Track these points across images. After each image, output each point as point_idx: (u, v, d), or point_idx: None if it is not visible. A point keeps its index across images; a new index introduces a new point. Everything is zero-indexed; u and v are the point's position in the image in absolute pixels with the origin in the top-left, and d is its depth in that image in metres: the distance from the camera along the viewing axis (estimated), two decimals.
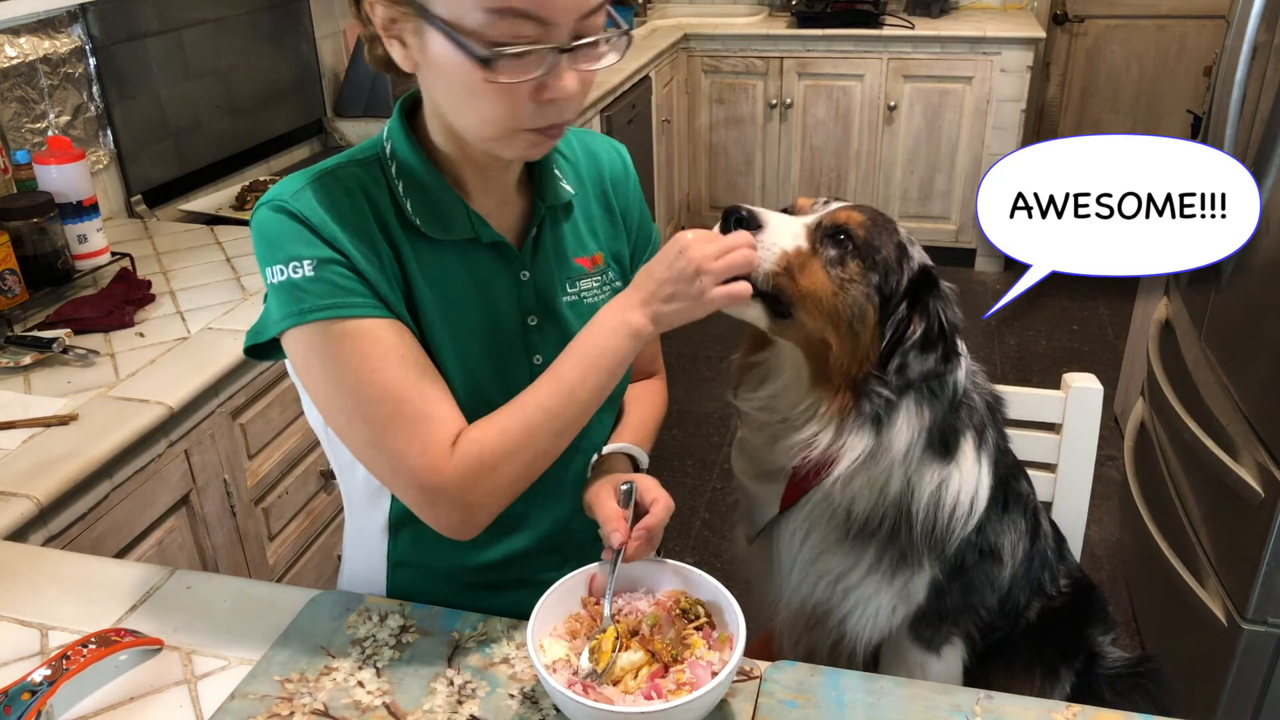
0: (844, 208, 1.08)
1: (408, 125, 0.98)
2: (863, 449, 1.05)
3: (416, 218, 0.96)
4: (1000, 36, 3.77)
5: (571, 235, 1.07)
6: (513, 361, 1.02)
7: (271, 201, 0.92)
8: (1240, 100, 1.78)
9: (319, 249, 0.90)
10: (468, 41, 0.83)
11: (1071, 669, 1.27)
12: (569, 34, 0.85)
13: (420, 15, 0.85)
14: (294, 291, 0.90)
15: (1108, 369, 3.31)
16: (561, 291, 1.05)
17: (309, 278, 0.89)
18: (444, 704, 0.91)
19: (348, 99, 2.88)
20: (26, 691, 0.86)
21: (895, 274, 1.05)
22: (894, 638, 1.20)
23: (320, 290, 0.89)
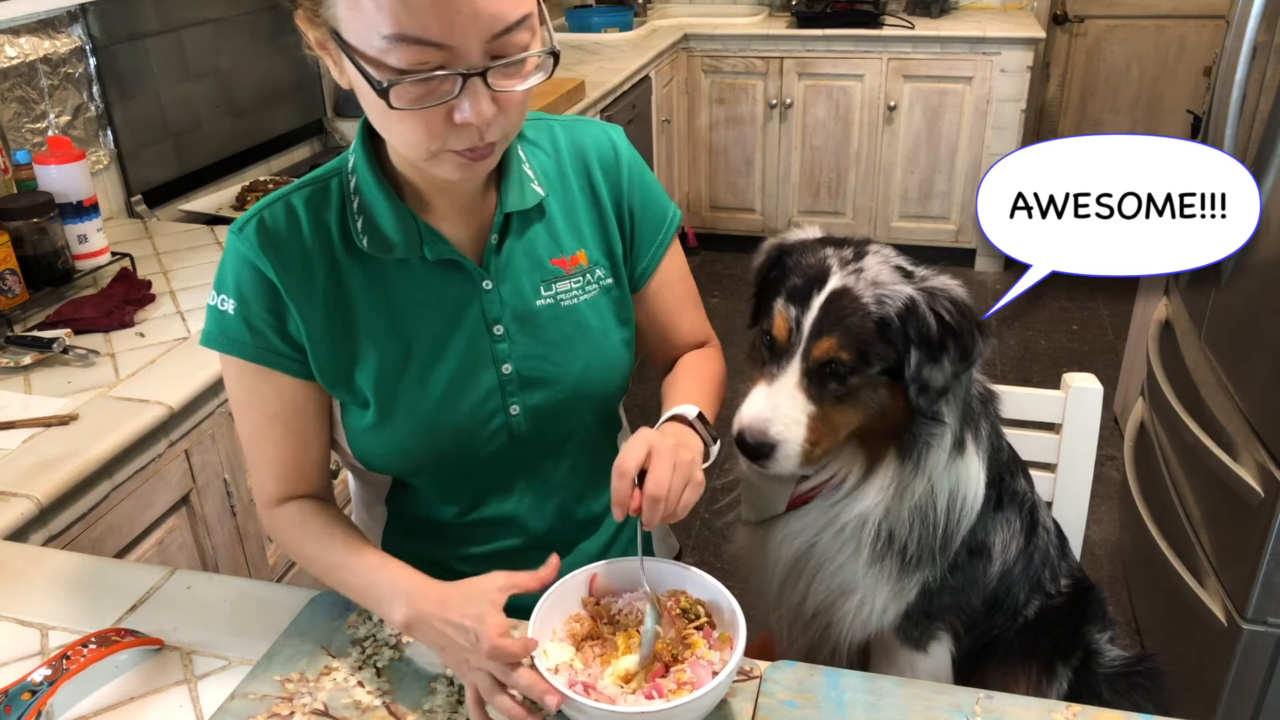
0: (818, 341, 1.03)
1: (369, 141, 0.98)
2: (896, 478, 1.08)
3: (363, 237, 0.97)
4: (1000, 36, 3.77)
5: (546, 237, 1.05)
6: (478, 372, 1.01)
7: (235, 225, 0.99)
8: (1240, 100, 1.78)
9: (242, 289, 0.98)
10: (367, 69, 0.82)
11: (1068, 666, 1.27)
12: (481, 55, 0.82)
13: (334, 39, 0.84)
14: (218, 319, 0.99)
15: (1108, 369, 3.31)
16: (535, 296, 1.03)
17: (228, 314, 0.98)
18: (444, 704, 0.91)
19: (348, 99, 2.88)
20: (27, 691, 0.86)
21: (892, 344, 1.03)
22: (882, 638, 1.21)
23: (231, 327, 0.98)
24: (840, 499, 1.10)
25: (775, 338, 1.06)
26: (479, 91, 0.83)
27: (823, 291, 1.04)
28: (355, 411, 1.01)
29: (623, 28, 4.04)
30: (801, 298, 1.04)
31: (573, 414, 1.07)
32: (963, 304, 1.04)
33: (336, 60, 0.88)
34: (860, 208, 4.19)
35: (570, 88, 2.97)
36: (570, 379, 1.05)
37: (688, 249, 4.44)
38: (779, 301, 1.06)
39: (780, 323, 1.05)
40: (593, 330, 1.06)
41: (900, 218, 4.16)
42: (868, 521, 1.10)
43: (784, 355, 1.05)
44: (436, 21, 0.79)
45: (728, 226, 4.39)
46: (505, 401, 1.03)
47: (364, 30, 0.80)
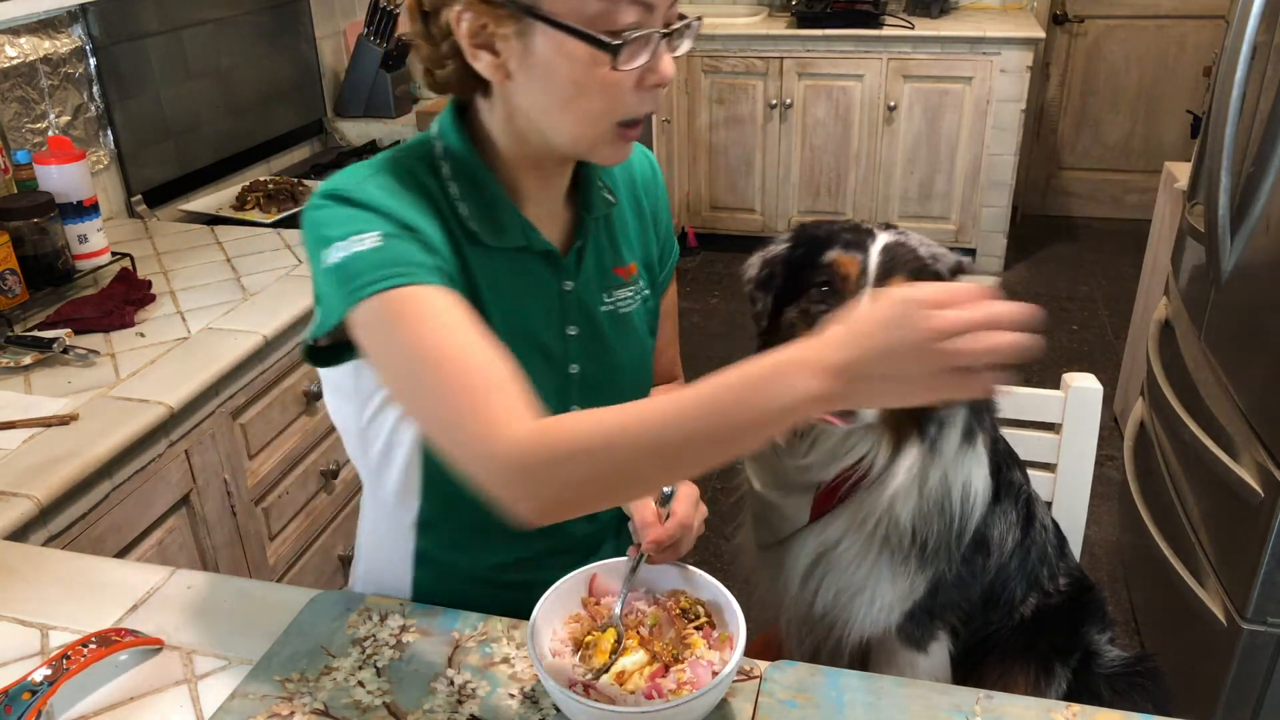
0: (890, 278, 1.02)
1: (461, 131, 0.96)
2: (917, 463, 1.06)
3: (472, 221, 0.95)
4: (1000, 36, 3.77)
5: (610, 245, 1.07)
6: (551, 370, 1.02)
7: (333, 192, 0.88)
8: (1240, 100, 1.78)
9: (386, 225, 0.85)
10: (592, 32, 0.83)
11: (1067, 666, 1.27)
12: (664, 19, 0.86)
13: (526, 15, 0.84)
14: (357, 265, 0.82)
15: (1108, 369, 3.31)
16: (600, 302, 1.05)
17: (375, 248, 0.83)
18: (444, 704, 0.91)
19: (348, 99, 2.88)
20: (27, 691, 0.86)
21: None
22: (883, 640, 1.20)
23: (384, 260, 0.82)
24: (870, 488, 1.09)
25: (843, 278, 1.02)
26: (665, 51, 0.87)
27: (877, 242, 1.03)
28: None
29: None
30: (858, 246, 1.03)
31: None
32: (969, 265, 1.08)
33: (502, 46, 0.87)
34: (860, 208, 4.19)
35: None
36: (625, 385, 1.07)
37: (688, 249, 4.44)
38: (834, 251, 1.03)
39: (847, 262, 1.02)
40: (640, 340, 1.10)
41: (900, 218, 4.15)
42: (891, 516, 1.09)
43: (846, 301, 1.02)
44: None
45: (728, 226, 4.39)
46: (568, 404, 1.04)
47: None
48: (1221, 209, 1.81)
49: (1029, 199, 4.77)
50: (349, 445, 1.10)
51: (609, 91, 0.86)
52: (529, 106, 0.91)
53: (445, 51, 0.91)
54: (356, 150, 2.76)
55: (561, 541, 1.09)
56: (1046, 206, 4.80)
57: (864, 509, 1.10)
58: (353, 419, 1.04)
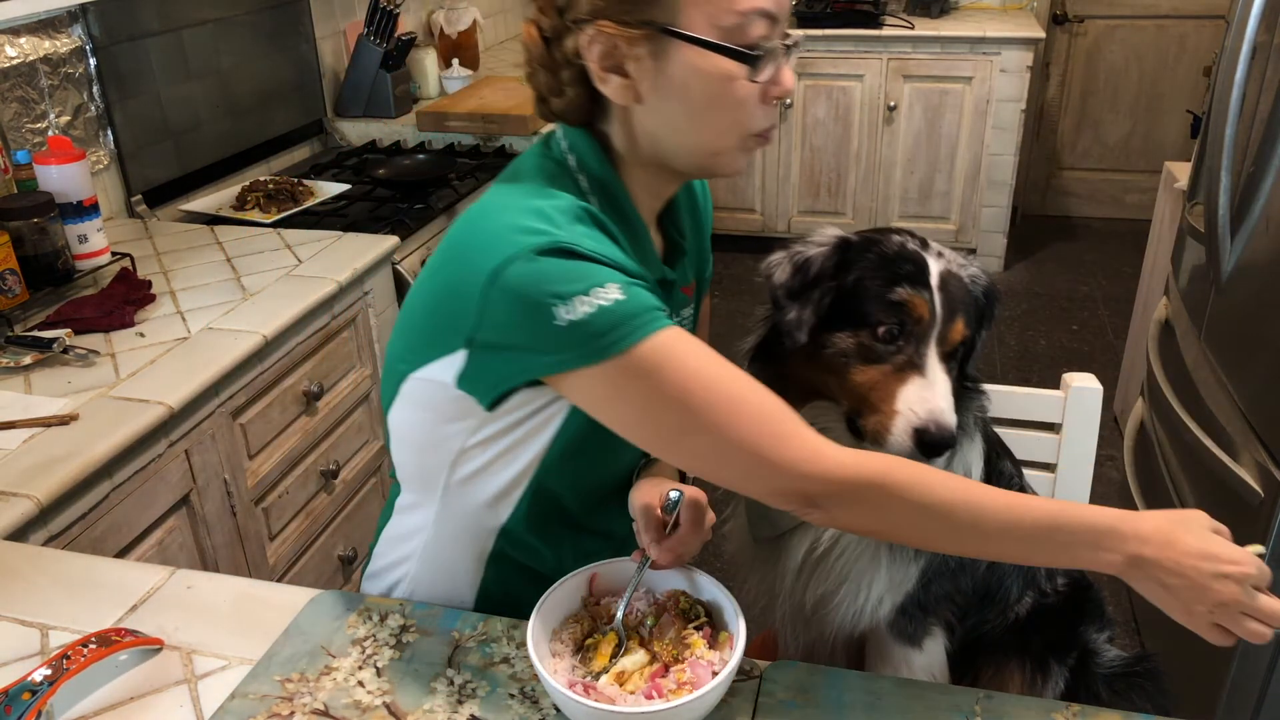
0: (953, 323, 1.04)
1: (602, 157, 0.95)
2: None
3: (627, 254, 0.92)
4: (1000, 37, 3.77)
5: (681, 264, 1.08)
6: None
7: (535, 247, 0.82)
8: (1240, 100, 1.78)
9: (617, 275, 0.84)
10: (733, 45, 0.86)
11: (1064, 665, 1.27)
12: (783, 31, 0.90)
13: (663, 33, 0.86)
14: (607, 318, 0.81)
15: (1108, 369, 3.31)
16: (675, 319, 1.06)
17: (620, 300, 0.82)
18: (444, 704, 0.91)
19: (348, 99, 2.88)
20: (27, 691, 0.86)
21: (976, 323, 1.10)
22: (876, 635, 1.20)
23: (634, 309, 0.82)
24: None
25: (916, 320, 1.02)
26: (786, 65, 0.91)
27: (931, 274, 1.04)
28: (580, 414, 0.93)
29: None
30: (916, 281, 1.03)
31: None
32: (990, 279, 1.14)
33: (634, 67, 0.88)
34: (860, 208, 4.19)
35: None
36: None
37: None
38: (900, 288, 1.02)
39: (921, 305, 1.02)
40: None
41: (900, 218, 4.16)
42: None
43: (919, 340, 1.02)
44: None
45: (727, 226, 4.39)
46: None
47: (714, 11, 0.85)
48: (1221, 209, 1.81)
49: (1029, 199, 4.77)
50: (416, 456, 1.03)
51: (741, 104, 0.89)
52: (657, 126, 0.92)
53: (566, 79, 0.92)
54: (356, 150, 2.76)
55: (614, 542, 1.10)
56: (1046, 206, 4.80)
57: None
58: (455, 440, 0.97)
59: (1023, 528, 0.85)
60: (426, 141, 2.81)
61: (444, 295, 0.90)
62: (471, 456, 0.98)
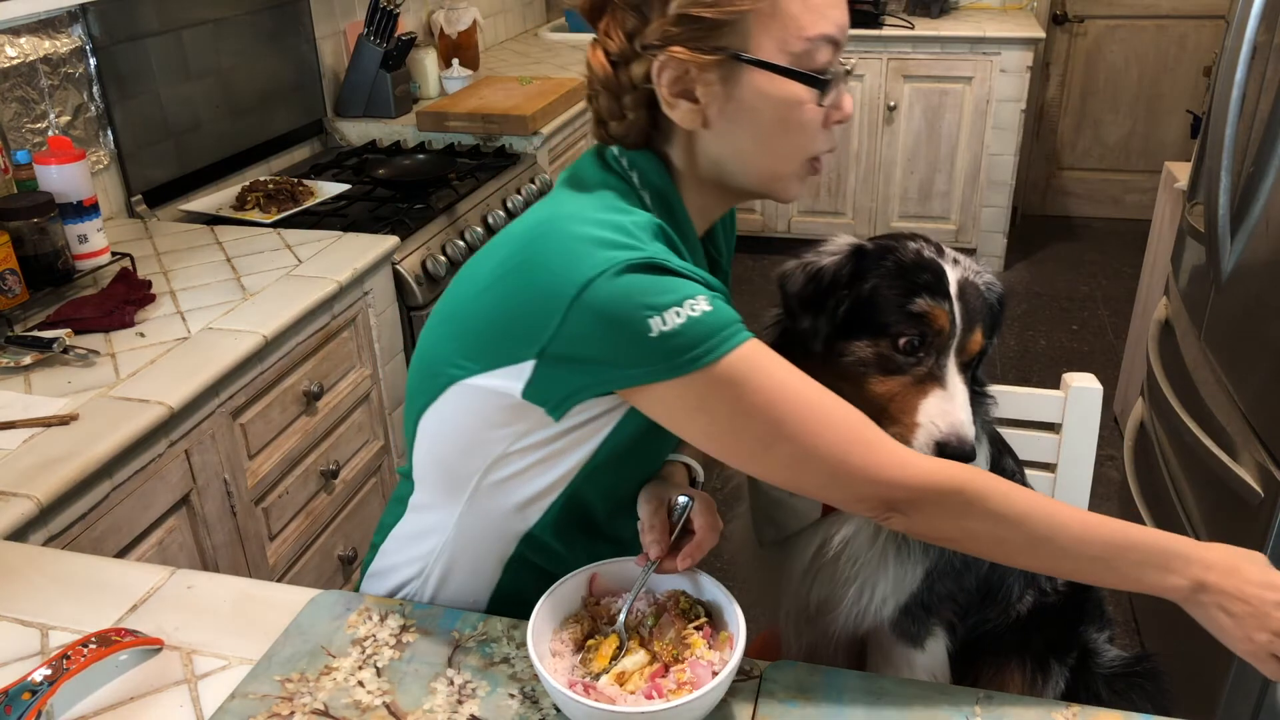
0: (972, 334, 1.03)
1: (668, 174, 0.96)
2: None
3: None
4: (1000, 36, 3.77)
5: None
6: None
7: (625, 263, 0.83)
8: (1240, 100, 1.78)
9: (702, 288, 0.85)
10: (803, 70, 0.88)
11: (1064, 664, 1.27)
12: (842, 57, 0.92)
13: (734, 59, 0.88)
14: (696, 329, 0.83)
15: (1108, 369, 3.31)
16: None
17: (708, 312, 0.83)
18: (444, 704, 0.91)
19: (348, 99, 2.88)
20: (27, 691, 0.86)
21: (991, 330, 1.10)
22: (879, 636, 1.20)
23: (721, 321, 0.84)
24: None
25: (937, 332, 1.02)
26: (845, 90, 0.93)
27: (949, 283, 1.03)
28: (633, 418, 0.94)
29: None
30: (936, 291, 1.02)
31: None
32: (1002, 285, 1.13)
33: (703, 92, 0.89)
34: (860, 208, 4.19)
35: (570, 88, 2.97)
36: None
37: None
38: (921, 299, 1.02)
39: (941, 317, 1.01)
40: None
41: (900, 218, 4.16)
42: None
43: (939, 352, 1.02)
44: (839, 20, 0.89)
45: None
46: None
47: (785, 37, 0.87)
48: (1221, 209, 1.81)
49: (1029, 199, 4.77)
50: (445, 459, 1.02)
51: (806, 129, 0.91)
52: (721, 149, 0.93)
53: (629, 103, 0.93)
54: (356, 150, 2.76)
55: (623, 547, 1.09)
56: (1046, 206, 4.80)
57: None
58: (496, 445, 0.96)
59: (1096, 544, 0.87)
60: (426, 141, 2.81)
61: (516, 306, 0.88)
62: (511, 461, 0.97)
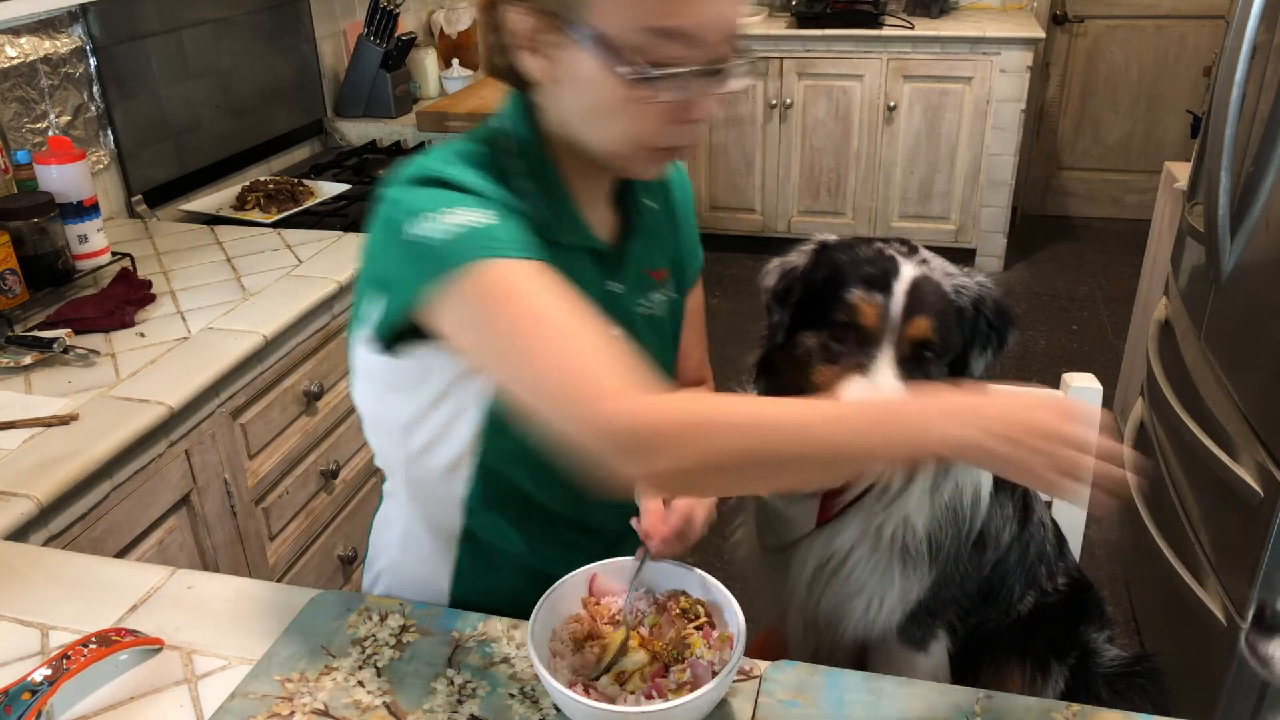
0: (913, 321, 1.01)
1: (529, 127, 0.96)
2: (931, 476, 1.08)
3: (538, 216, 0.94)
4: (1000, 37, 3.77)
5: (645, 249, 1.07)
6: None
7: (425, 175, 0.86)
8: (1240, 100, 1.78)
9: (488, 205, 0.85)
10: (624, 58, 0.83)
11: (1064, 665, 1.27)
12: (716, 57, 0.85)
13: (569, 29, 0.85)
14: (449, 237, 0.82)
15: (1108, 369, 3.31)
16: (637, 305, 1.06)
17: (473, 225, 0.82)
18: (444, 704, 0.91)
19: (348, 99, 2.88)
20: (27, 691, 0.86)
21: (963, 334, 1.04)
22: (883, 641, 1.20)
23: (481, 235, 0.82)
24: (885, 504, 1.09)
25: (861, 324, 1.01)
26: (707, 90, 0.86)
27: (902, 278, 1.02)
28: None
29: None
30: (881, 285, 1.02)
31: None
32: (1002, 299, 1.07)
33: (552, 51, 0.87)
34: (860, 208, 4.19)
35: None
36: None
37: None
38: (856, 290, 1.01)
39: (867, 308, 1.01)
40: (668, 344, 1.11)
41: (900, 218, 4.16)
42: (908, 525, 1.09)
43: (870, 344, 1.01)
44: (696, 18, 0.83)
45: (727, 227, 4.39)
46: None
47: (623, 20, 0.82)
48: (1221, 209, 1.81)
49: (1029, 199, 4.77)
50: (379, 433, 1.05)
51: (639, 118, 0.87)
52: (563, 112, 0.92)
53: (494, 43, 0.93)
54: (356, 150, 2.76)
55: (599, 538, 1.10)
56: (1046, 206, 4.80)
57: (876, 520, 1.10)
58: (402, 408, 1.00)
59: (849, 420, 0.77)
60: (426, 141, 2.81)
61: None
62: (420, 426, 1.00)
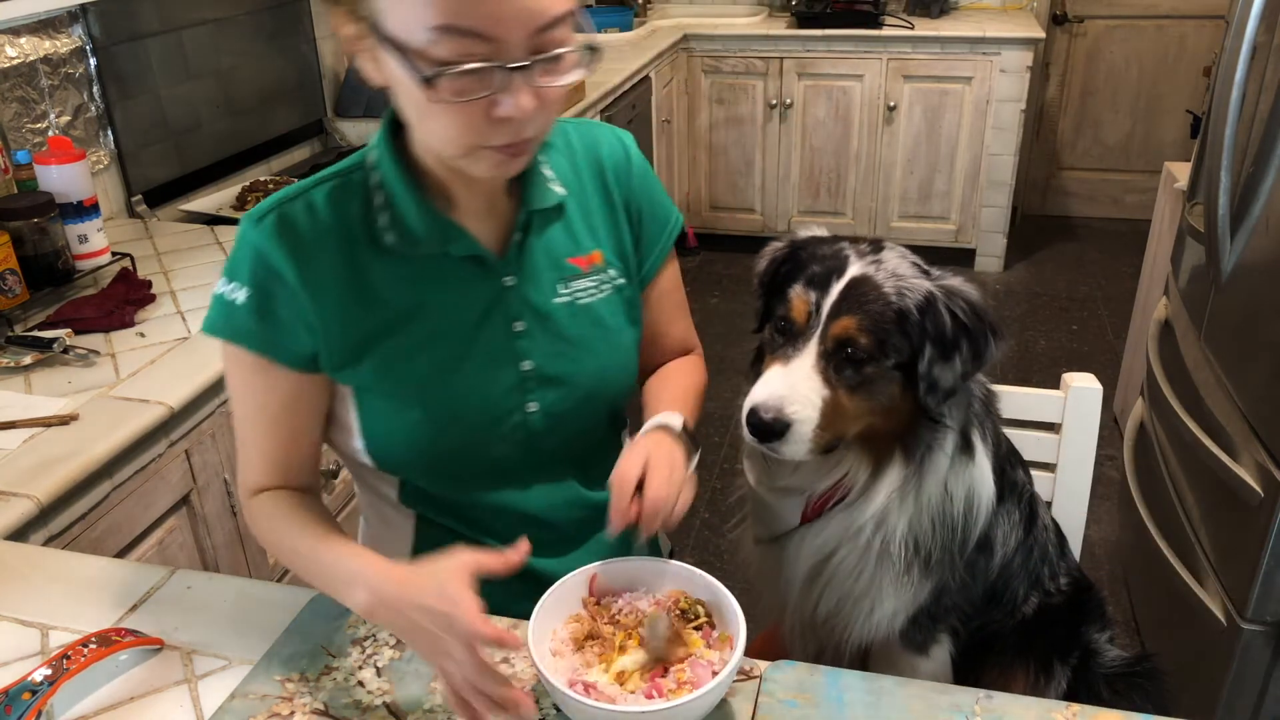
0: (837, 320, 1.02)
1: (393, 136, 0.98)
2: (902, 479, 1.07)
3: (389, 233, 0.97)
4: (1000, 37, 3.77)
5: (564, 236, 1.06)
6: (498, 367, 1.02)
7: (252, 214, 0.96)
8: (1240, 100, 1.78)
9: (257, 279, 0.95)
10: (413, 61, 0.82)
11: (1066, 665, 1.27)
12: (525, 50, 0.82)
13: (374, 33, 0.84)
14: (226, 308, 0.96)
15: (1108, 369, 3.31)
16: (553, 294, 1.04)
17: (238, 304, 0.95)
18: (444, 704, 0.91)
19: (348, 99, 2.88)
20: (27, 691, 0.86)
21: (908, 337, 1.02)
22: (885, 645, 1.20)
23: (240, 317, 0.96)
24: (852, 505, 1.09)
25: (793, 320, 1.04)
26: (521, 85, 0.83)
27: (843, 278, 1.03)
28: (373, 400, 1.00)
29: (623, 28, 4.04)
30: (820, 283, 1.03)
31: (587, 412, 1.08)
32: (979, 305, 1.04)
33: (374, 56, 0.87)
34: (860, 208, 4.19)
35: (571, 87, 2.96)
36: (587, 377, 1.06)
37: (687, 249, 4.44)
38: (796, 286, 1.04)
39: (799, 304, 1.03)
40: (608, 329, 1.08)
41: (900, 218, 4.16)
42: (886, 528, 1.09)
43: (800, 337, 1.03)
44: (484, 13, 0.80)
45: (728, 227, 4.39)
46: (524, 399, 1.03)
47: (409, 21, 0.81)
48: (1221, 209, 1.81)
49: (1029, 199, 4.77)
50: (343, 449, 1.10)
51: (451, 118, 0.85)
52: (407, 117, 0.92)
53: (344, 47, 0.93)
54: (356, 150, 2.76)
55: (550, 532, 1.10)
56: (1046, 206, 4.80)
57: (853, 522, 1.10)
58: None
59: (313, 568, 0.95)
60: None
61: None
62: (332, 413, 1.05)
